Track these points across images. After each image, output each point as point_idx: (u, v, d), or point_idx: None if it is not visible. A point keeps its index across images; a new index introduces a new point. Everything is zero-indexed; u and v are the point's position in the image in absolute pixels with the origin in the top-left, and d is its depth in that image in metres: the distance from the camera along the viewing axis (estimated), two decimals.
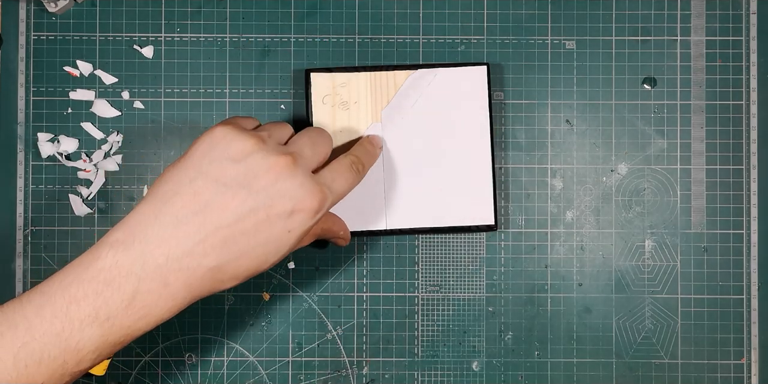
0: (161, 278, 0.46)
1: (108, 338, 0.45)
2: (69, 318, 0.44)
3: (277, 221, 0.48)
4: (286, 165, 0.48)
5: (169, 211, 0.47)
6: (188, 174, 0.48)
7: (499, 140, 0.64)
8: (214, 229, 0.47)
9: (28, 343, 0.44)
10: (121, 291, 0.45)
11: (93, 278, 0.45)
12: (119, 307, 0.45)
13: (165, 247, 0.46)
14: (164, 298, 0.46)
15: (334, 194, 0.51)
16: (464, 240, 0.64)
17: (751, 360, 0.64)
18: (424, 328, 0.64)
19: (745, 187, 0.64)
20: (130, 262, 0.45)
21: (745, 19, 0.64)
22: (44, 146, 0.63)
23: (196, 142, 0.49)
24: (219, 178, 0.47)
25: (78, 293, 0.45)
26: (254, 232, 0.48)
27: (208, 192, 0.47)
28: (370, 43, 0.64)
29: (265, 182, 0.48)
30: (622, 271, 0.64)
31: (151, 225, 0.46)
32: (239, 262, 0.48)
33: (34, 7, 0.64)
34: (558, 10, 0.64)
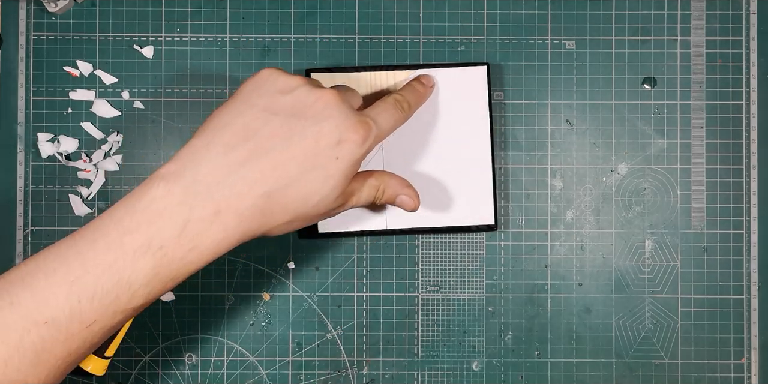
0: (212, 205, 0.46)
1: (160, 271, 0.45)
2: (123, 249, 0.44)
3: (325, 148, 0.48)
4: (332, 96, 0.49)
5: (220, 141, 0.47)
6: (238, 107, 0.49)
7: (499, 140, 0.64)
8: (264, 155, 0.47)
9: (81, 277, 0.44)
10: (173, 220, 0.45)
11: (145, 208, 0.45)
12: (172, 236, 0.45)
13: (216, 173, 0.46)
14: (215, 227, 0.46)
15: (380, 127, 0.52)
16: (464, 240, 0.64)
17: (751, 360, 0.64)
18: (424, 328, 0.64)
19: (745, 187, 0.64)
20: (181, 190, 0.45)
21: (745, 19, 0.64)
22: (44, 146, 0.63)
23: (243, 83, 0.51)
24: (268, 108, 0.48)
25: (131, 224, 0.45)
26: (303, 158, 0.48)
27: (258, 121, 0.48)
28: (370, 43, 0.64)
29: (313, 111, 0.49)
30: (622, 271, 0.64)
31: (202, 155, 0.47)
32: (289, 189, 0.48)
33: (34, 7, 0.64)
34: (558, 10, 0.64)
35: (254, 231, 0.48)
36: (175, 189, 0.45)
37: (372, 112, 0.52)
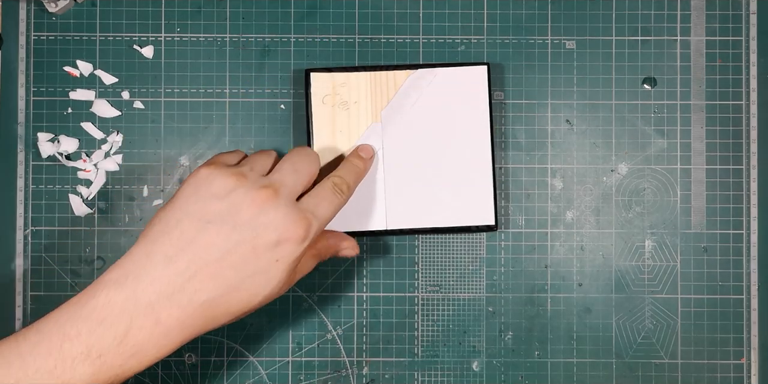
0: (153, 315, 0.47)
1: (99, 377, 0.46)
2: (62, 355, 0.45)
3: (264, 252, 0.49)
4: (267, 197, 0.49)
5: (159, 250, 0.48)
6: (175, 215, 0.49)
7: (499, 140, 0.64)
8: (203, 265, 0.48)
9: (21, 380, 0.45)
10: (113, 329, 0.46)
11: (87, 316, 0.46)
12: (111, 345, 0.46)
13: (156, 285, 0.47)
14: (156, 335, 0.47)
15: (319, 220, 0.51)
16: (464, 240, 0.64)
17: (751, 360, 0.64)
18: (424, 328, 0.64)
19: (745, 187, 0.64)
20: (122, 300, 0.46)
21: (745, 19, 0.64)
22: (44, 146, 0.63)
23: (182, 184, 0.51)
24: (203, 216, 0.49)
25: (72, 331, 0.46)
26: (242, 265, 0.48)
27: (193, 230, 0.48)
28: (370, 43, 0.64)
29: (248, 216, 0.49)
30: (622, 271, 0.64)
31: (143, 264, 0.48)
32: (230, 296, 0.49)
33: (34, 7, 0.64)
34: (558, 10, 0.64)
35: (197, 333, 0.49)
36: (117, 298, 0.46)
37: (310, 203, 0.52)
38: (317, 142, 0.61)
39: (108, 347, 0.46)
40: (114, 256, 0.63)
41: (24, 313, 0.63)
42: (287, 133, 0.64)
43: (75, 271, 0.63)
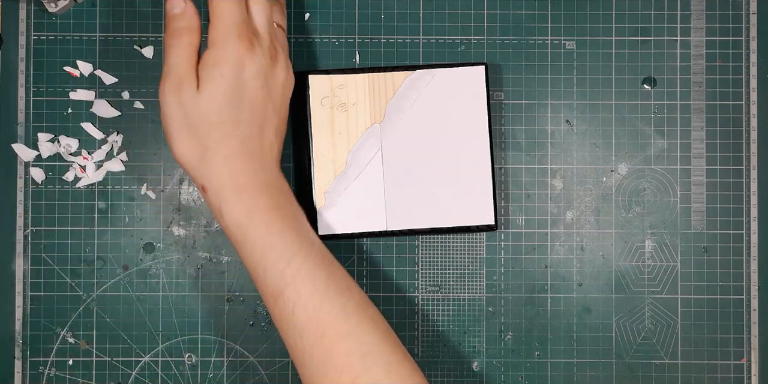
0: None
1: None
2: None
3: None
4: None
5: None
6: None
7: (499, 140, 0.64)
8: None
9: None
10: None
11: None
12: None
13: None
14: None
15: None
16: (464, 240, 0.64)
17: (751, 360, 0.64)
18: (424, 328, 0.64)
19: (745, 188, 0.64)
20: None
21: (745, 19, 0.64)
22: (44, 146, 0.63)
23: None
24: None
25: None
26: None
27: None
28: (370, 43, 0.64)
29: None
30: (622, 271, 0.64)
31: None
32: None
33: (34, 7, 0.64)
34: (558, 10, 0.64)
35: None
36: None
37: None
38: (316, 144, 0.61)
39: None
40: (114, 257, 0.63)
41: (24, 313, 0.63)
42: (287, 134, 0.63)
43: (75, 271, 0.63)
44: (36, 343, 0.63)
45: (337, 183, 0.61)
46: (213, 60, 0.54)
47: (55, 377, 0.63)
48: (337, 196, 0.61)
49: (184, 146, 0.54)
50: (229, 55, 0.54)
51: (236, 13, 0.55)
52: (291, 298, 0.52)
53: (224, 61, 0.54)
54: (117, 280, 0.63)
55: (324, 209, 0.61)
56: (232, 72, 0.54)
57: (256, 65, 0.55)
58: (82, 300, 0.63)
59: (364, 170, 0.62)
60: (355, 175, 0.62)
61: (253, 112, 0.55)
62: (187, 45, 0.55)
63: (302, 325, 0.52)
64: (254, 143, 0.55)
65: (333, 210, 0.61)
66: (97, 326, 0.63)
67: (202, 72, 0.54)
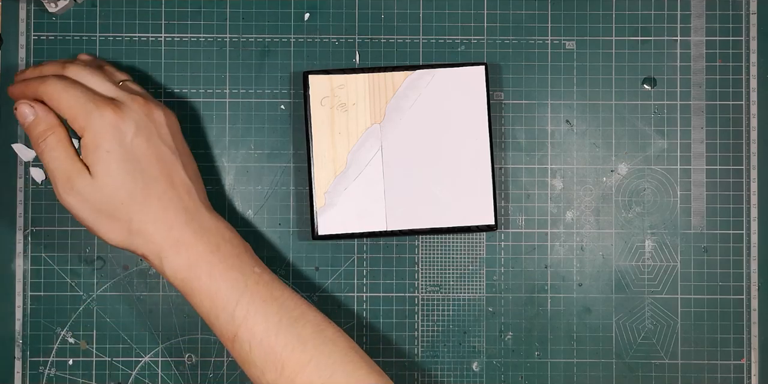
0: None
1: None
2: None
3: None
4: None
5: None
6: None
7: (499, 140, 0.64)
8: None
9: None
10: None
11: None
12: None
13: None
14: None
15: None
16: (464, 240, 0.64)
17: (751, 360, 0.64)
18: (424, 328, 0.64)
19: (745, 188, 0.64)
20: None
21: (745, 19, 0.64)
22: None
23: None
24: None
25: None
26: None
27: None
28: (370, 43, 0.64)
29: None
30: (622, 271, 0.64)
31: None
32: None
33: (34, 7, 0.64)
34: (558, 10, 0.64)
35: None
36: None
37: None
38: (316, 144, 0.61)
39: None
40: (114, 256, 0.63)
41: (24, 313, 0.63)
42: (287, 134, 0.64)
43: (75, 271, 0.63)
44: (36, 343, 0.63)
45: (337, 183, 0.61)
46: (92, 143, 0.53)
47: (55, 377, 0.63)
48: (337, 196, 0.61)
49: (110, 231, 0.54)
50: (102, 129, 0.53)
51: (78, 91, 0.54)
52: (246, 338, 0.53)
53: (101, 137, 0.53)
54: (117, 280, 0.63)
55: (324, 209, 0.61)
56: (115, 143, 0.53)
57: (132, 123, 0.54)
58: (82, 300, 0.63)
59: (364, 170, 0.62)
60: (355, 175, 0.62)
61: (154, 167, 0.55)
62: (56, 143, 0.54)
63: (262, 362, 0.53)
64: (172, 195, 0.55)
65: (333, 210, 0.61)
66: (97, 326, 0.63)
67: (87, 159, 0.54)
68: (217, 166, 0.64)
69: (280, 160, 0.64)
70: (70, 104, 0.54)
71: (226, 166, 0.64)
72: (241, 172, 0.64)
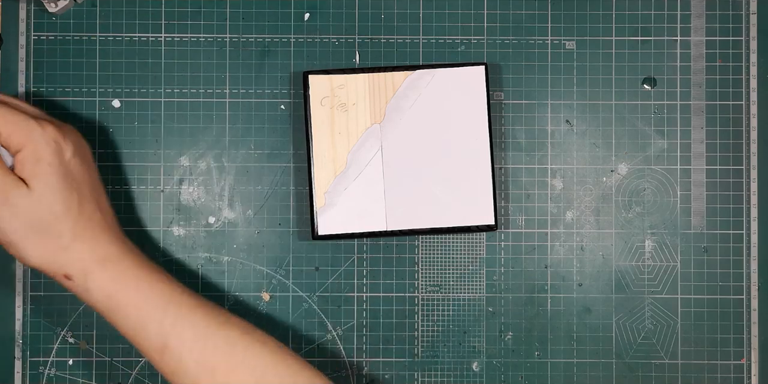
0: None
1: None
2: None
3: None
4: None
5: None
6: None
7: (499, 140, 0.64)
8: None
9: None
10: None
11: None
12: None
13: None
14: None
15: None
16: (464, 240, 0.64)
17: (751, 360, 0.64)
18: (424, 328, 0.64)
19: (745, 188, 0.64)
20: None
21: (745, 19, 0.64)
22: None
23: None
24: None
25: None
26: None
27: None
28: (370, 43, 0.64)
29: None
30: (622, 271, 0.64)
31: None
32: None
33: (34, 7, 0.64)
34: (558, 10, 0.64)
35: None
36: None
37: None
38: (316, 144, 0.61)
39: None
40: None
41: (24, 313, 0.63)
42: (287, 134, 0.64)
43: None
44: (36, 343, 0.63)
45: (337, 183, 0.61)
46: (32, 156, 0.53)
47: (55, 377, 0.63)
48: (337, 196, 0.61)
49: (36, 248, 0.53)
50: (45, 143, 0.53)
51: (13, 109, 0.54)
52: (176, 346, 0.53)
53: (43, 151, 0.53)
54: None
55: (324, 209, 0.61)
56: (56, 158, 0.53)
57: (70, 142, 0.54)
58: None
59: (364, 170, 0.62)
60: (355, 175, 0.62)
61: (87, 188, 0.55)
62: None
63: (194, 371, 0.53)
64: (99, 217, 0.55)
65: (333, 210, 0.61)
66: (97, 326, 0.63)
67: (25, 172, 0.53)
68: (217, 166, 0.64)
69: (280, 160, 0.64)
70: (7, 119, 0.53)
71: (226, 166, 0.64)
72: (241, 172, 0.64)
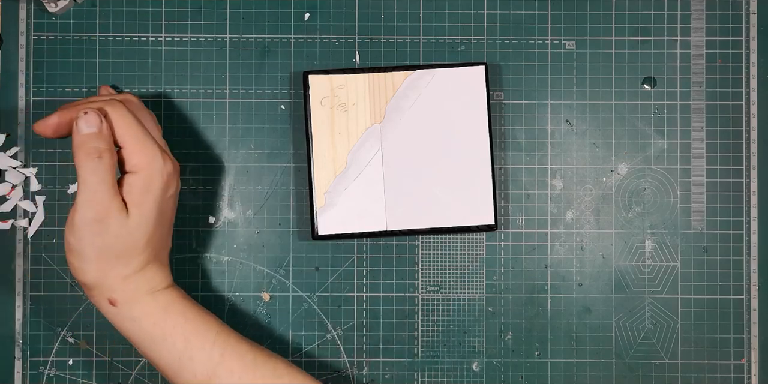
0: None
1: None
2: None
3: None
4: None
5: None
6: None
7: (499, 140, 0.64)
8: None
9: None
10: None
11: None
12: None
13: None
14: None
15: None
16: (464, 240, 0.64)
17: (751, 360, 0.64)
18: (424, 328, 0.64)
19: (745, 188, 0.64)
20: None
21: (745, 19, 0.64)
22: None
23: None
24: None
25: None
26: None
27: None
28: (370, 43, 0.64)
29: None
30: (622, 271, 0.64)
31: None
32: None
33: (34, 7, 0.64)
34: (558, 10, 0.64)
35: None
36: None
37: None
38: (316, 144, 0.61)
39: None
40: None
41: (24, 313, 0.63)
42: (287, 134, 0.64)
43: None
44: (36, 343, 0.63)
45: (337, 183, 0.62)
46: (143, 184, 0.53)
47: (55, 377, 0.63)
48: (337, 196, 0.61)
49: (101, 271, 0.53)
50: (160, 176, 0.53)
51: (143, 128, 0.53)
52: (224, 376, 0.54)
53: (155, 183, 0.53)
54: None
55: (324, 209, 0.62)
56: (161, 193, 0.53)
57: (174, 183, 0.55)
58: (82, 300, 0.63)
59: (364, 170, 0.62)
60: (355, 175, 0.62)
61: (168, 225, 0.56)
62: (109, 168, 0.52)
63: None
64: (165, 251, 0.57)
65: (333, 210, 0.61)
66: (97, 326, 0.63)
67: (130, 196, 0.52)
68: (217, 166, 0.64)
69: (280, 160, 0.64)
70: (138, 137, 0.53)
71: (226, 166, 0.64)
72: (241, 172, 0.64)
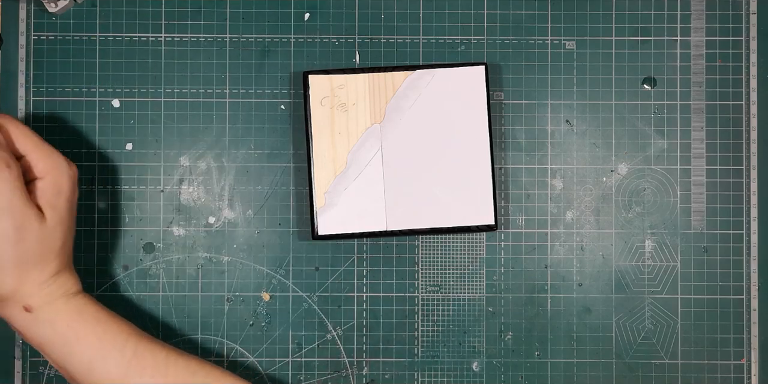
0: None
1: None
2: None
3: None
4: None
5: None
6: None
7: (499, 140, 0.64)
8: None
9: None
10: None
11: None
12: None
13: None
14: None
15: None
16: (464, 240, 0.64)
17: (751, 360, 0.64)
18: (424, 328, 0.64)
19: (745, 188, 0.64)
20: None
21: (745, 19, 0.64)
22: None
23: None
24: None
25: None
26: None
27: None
28: (370, 43, 0.64)
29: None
30: (622, 271, 0.64)
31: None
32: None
33: (34, 7, 0.64)
34: (558, 10, 0.64)
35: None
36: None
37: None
38: (316, 144, 0.61)
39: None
40: (113, 256, 0.63)
41: None
42: (287, 134, 0.64)
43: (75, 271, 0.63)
44: None
45: (337, 183, 0.62)
46: (54, 187, 0.53)
47: (55, 377, 0.63)
48: (337, 196, 0.61)
49: (18, 279, 0.53)
50: (67, 178, 0.54)
51: (43, 139, 0.55)
52: (137, 375, 0.54)
53: (64, 185, 0.54)
54: (117, 280, 0.63)
55: (324, 209, 0.61)
56: (71, 195, 0.54)
57: (77, 184, 0.55)
58: None
59: (364, 170, 0.62)
60: (355, 175, 0.62)
61: (72, 230, 0.56)
62: (18, 176, 0.51)
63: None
64: (71, 256, 0.57)
65: (333, 210, 0.61)
66: None
67: (44, 200, 0.53)
68: (217, 166, 0.64)
69: (280, 160, 0.64)
70: (38, 144, 0.54)
71: (226, 166, 0.64)
72: (241, 172, 0.64)
